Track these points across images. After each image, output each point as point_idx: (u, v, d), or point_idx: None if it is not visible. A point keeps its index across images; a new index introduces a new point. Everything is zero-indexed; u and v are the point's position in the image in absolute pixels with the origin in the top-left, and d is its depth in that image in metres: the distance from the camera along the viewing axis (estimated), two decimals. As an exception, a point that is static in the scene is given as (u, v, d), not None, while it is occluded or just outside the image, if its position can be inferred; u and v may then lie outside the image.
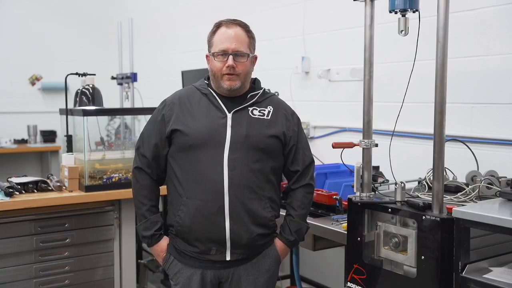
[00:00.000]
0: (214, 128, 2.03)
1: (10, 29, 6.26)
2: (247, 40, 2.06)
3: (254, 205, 2.02)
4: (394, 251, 1.91)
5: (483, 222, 1.63)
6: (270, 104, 2.13)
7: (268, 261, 2.12)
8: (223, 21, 2.07)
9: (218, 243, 2.02)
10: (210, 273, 2.06)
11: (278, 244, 2.14)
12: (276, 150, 2.09)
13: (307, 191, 2.17)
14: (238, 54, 2.02)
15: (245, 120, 2.05)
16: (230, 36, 2.03)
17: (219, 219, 1.99)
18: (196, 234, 2.03)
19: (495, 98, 2.52)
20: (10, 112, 6.15)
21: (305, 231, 2.19)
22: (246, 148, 2.02)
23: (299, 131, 2.16)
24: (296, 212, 2.14)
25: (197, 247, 2.05)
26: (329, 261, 3.55)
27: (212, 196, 1.99)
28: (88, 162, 3.14)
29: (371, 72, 2.03)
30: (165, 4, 5.59)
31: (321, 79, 3.51)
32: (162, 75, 5.49)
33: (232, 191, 1.99)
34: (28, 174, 3.30)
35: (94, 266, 3.13)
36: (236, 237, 2.01)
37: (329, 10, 3.49)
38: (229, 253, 2.03)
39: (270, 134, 2.06)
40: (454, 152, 2.40)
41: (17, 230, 2.88)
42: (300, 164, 2.15)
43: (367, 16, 2.01)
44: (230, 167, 1.99)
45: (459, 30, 2.58)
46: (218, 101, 2.08)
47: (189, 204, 2.02)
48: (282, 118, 2.11)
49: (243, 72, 2.04)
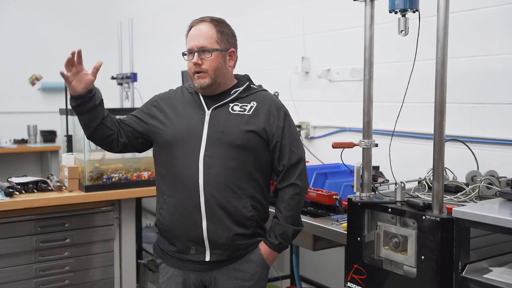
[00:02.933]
0: (191, 125, 2.03)
1: (10, 29, 6.26)
2: (214, 35, 2.03)
3: (232, 203, 1.98)
4: (394, 251, 1.91)
5: (483, 222, 1.63)
6: (254, 99, 2.08)
7: (253, 266, 2.07)
8: (194, 20, 2.09)
9: (197, 243, 2.01)
10: (193, 276, 2.05)
11: (263, 248, 2.08)
12: (257, 146, 2.02)
13: (294, 191, 2.06)
14: (204, 51, 2.01)
15: (223, 117, 2.03)
16: (194, 34, 2.04)
17: (195, 217, 1.98)
18: (175, 233, 2.03)
19: (495, 98, 2.52)
20: (10, 112, 6.15)
21: (292, 234, 2.09)
22: (222, 145, 1.99)
23: (285, 127, 2.06)
24: (281, 214, 2.06)
25: (177, 246, 2.05)
26: (329, 261, 3.55)
27: (188, 194, 1.98)
28: (88, 162, 3.14)
29: (371, 72, 2.03)
30: (165, 4, 5.59)
31: (321, 79, 3.50)
32: (162, 75, 5.48)
33: (207, 189, 1.96)
34: (28, 174, 3.30)
35: (94, 266, 3.14)
36: (214, 236, 1.98)
37: (329, 10, 3.49)
38: (209, 253, 2.01)
39: (247, 129, 2.00)
40: (454, 152, 2.39)
41: (17, 230, 2.88)
42: (286, 162, 2.05)
43: (367, 16, 2.01)
44: (205, 164, 1.97)
45: (459, 30, 2.58)
46: (200, 99, 2.08)
47: (169, 202, 2.03)
48: (264, 114, 2.04)
49: (211, 68, 2.01)
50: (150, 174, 3.31)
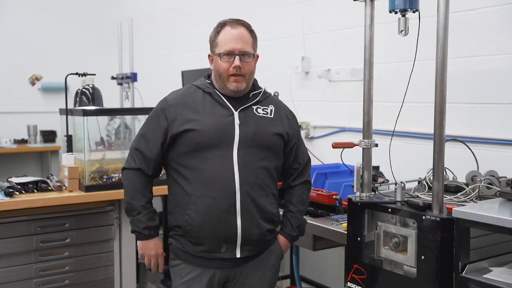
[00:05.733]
0: (222, 126, 2.03)
1: (11, 29, 6.25)
2: (251, 40, 2.07)
3: (262, 201, 2.05)
4: (394, 251, 1.91)
5: (483, 222, 1.63)
6: (271, 103, 2.17)
7: (273, 257, 2.17)
8: (228, 21, 2.06)
9: (229, 241, 2.02)
10: (219, 273, 2.06)
11: (282, 240, 2.19)
12: (279, 148, 2.13)
13: (306, 187, 2.24)
14: (245, 54, 2.02)
15: (252, 118, 2.07)
16: (236, 37, 2.02)
17: (230, 216, 2.00)
18: (207, 233, 2.02)
19: (495, 98, 2.52)
20: (10, 112, 6.15)
21: (305, 227, 2.26)
22: (254, 146, 2.05)
23: (298, 131, 2.23)
24: (296, 208, 2.19)
25: (206, 246, 2.03)
26: (329, 261, 3.55)
27: (223, 194, 2.00)
28: (88, 162, 3.14)
29: (371, 72, 2.03)
30: (165, 4, 5.58)
31: (321, 79, 3.51)
32: (162, 75, 5.49)
33: (243, 188, 2.01)
34: (28, 174, 3.30)
35: (94, 266, 3.13)
36: (247, 233, 2.03)
37: (329, 10, 3.49)
38: (239, 250, 2.04)
39: (275, 132, 2.10)
40: (454, 152, 2.39)
41: (17, 230, 2.88)
42: (301, 162, 2.21)
43: (367, 16, 2.01)
44: (240, 164, 2.01)
45: (459, 30, 2.58)
46: (223, 99, 2.07)
47: (199, 202, 2.01)
48: (284, 118, 2.17)
49: (249, 72, 2.05)
50: (150, 174, 3.30)
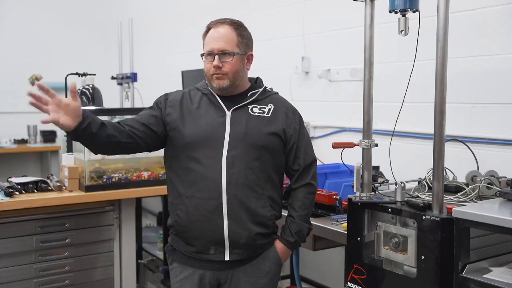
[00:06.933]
0: (213, 127, 2.03)
1: (11, 29, 6.25)
2: (235, 38, 2.04)
3: (253, 203, 2.01)
4: (394, 251, 1.91)
5: (483, 222, 1.63)
6: (271, 102, 2.13)
7: (268, 263, 2.11)
8: (212, 22, 2.08)
9: (217, 243, 2.01)
10: (209, 274, 2.06)
11: (279, 246, 2.13)
12: (276, 148, 2.08)
13: (308, 191, 2.14)
14: (225, 54, 2.02)
15: (244, 118, 2.05)
16: (216, 37, 2.03)
17: (217, 217, 1.99)
18: (195, 233, 2.02)
19: (495, 98, 2.52)
20: (10, 112, 6.14)
21: (307, 232, 2.16)
22: (245, 146, 2.01)
23: (300, 130, 2.15)
24: (297, 213, 2.12)
25: (195, 247, 2.04)
26: (329, 261, 3.55)
27: (210, 194, 1.99)
28: (88, 162, 3.14)
29: (371, 72, 2.03)
30: (165, 4, 5.58)
31: (321, 79, 3.50)
32: (162, 75, 5.48)
33: (230, 189, 1.98)
34: (28, 174, 3.30)
35: (94, 266, 3.13)
36: (235, 236, 2.00)
37: (329, 10, 3.49)
38: (228, 253, 2.02)
39: (269, 131, 2.05)
40: (454, 152, 2.39)
41: (17, 230, 2.88)
42: (301, 163, 2.12)
43: (367, 16, 2.01)
44: (228, 165, 1.99)
45: (459, 30, 2.58)
46: (217, 100, 2.08)
47: (188, 203, 2.02)
48: (282, 116, 2.10)
49: (231, 71, 2.03)
50: (150, 174, 3.31)
